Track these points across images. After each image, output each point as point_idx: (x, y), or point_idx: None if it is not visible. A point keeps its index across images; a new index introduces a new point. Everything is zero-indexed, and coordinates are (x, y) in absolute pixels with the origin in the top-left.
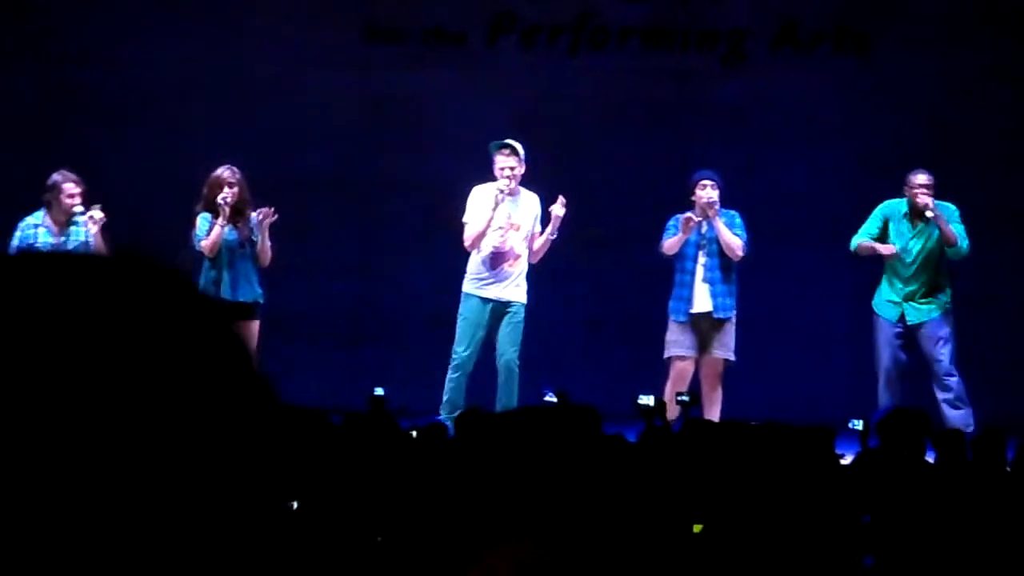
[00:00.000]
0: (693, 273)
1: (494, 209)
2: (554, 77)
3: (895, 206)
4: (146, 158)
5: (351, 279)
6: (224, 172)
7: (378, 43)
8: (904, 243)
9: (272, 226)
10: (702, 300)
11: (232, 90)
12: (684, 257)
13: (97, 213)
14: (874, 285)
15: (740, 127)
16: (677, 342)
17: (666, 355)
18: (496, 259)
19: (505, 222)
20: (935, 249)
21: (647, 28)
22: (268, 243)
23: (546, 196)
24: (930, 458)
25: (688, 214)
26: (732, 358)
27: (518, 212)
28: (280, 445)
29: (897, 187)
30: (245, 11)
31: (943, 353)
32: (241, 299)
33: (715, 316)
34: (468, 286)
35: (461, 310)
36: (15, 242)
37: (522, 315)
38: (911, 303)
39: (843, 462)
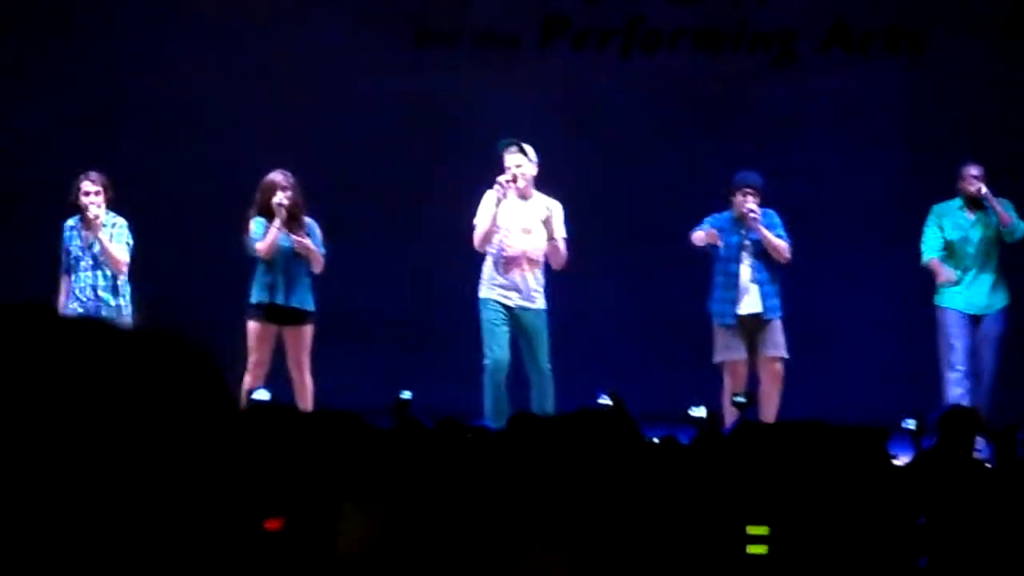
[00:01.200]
0: (738, 275)
1: (496, 205)
2: (605, 80)
3: (946, 205)
4: (194, 165)
5: (401, 284)
6: (278, 176)
7: (429, 46)
8: (965, 232)
9: (324, 230)
10: (750, 302)
11: (283, 96)
12: (727, 259)
13: (93, 211)
14: (928, 284)
15: (791, 128)
16: (728, 346)
17: (717, 359)
18: (507, 264)
19: (515, 225)
20: (995, 237)
21: (698, 30)
22: (321, 249)
23: (595, 198)
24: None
25: (711, 230)
26: (787, 356)
27: (531, 214)
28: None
29: (950, 187)
30: (295, 16)
31: (992, 354)
32: (295, 305)
33: (765, 317)
34: (484, 290)
35: (482, 315)
36: (63, 243)
37: (544, 320)
38: (977, 292)
39: (897, 463)
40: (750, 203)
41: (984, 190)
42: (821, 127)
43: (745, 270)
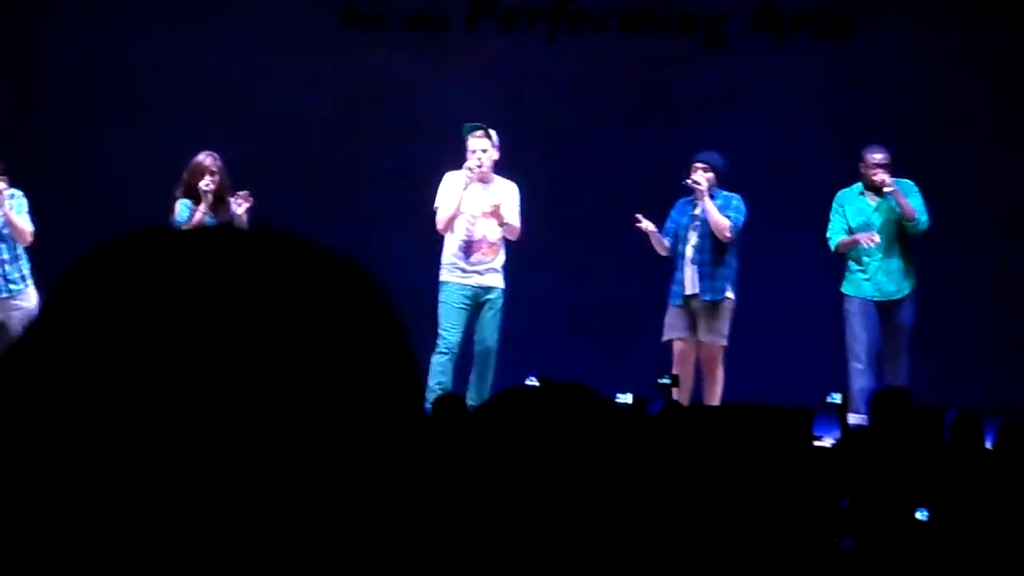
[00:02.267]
0: (684, 256)
1: (463, 190)
2: (533, 61)
3: (847, 192)
4: (124, 148)
5: None
6: (205, 159)
7: (357, 29)
8: (866, 218)
9: (250, 212)
10: (691, 282)
11: (211, 77)
12: (677, 240)
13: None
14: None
15: (719, 111)
16: (672, 325)
17: (663, 338)
18: (469, 248)
19: (476, 209)
20: (898, 222)
21: (626, 11)
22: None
23: (529, 180)
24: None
25: (655, 235)
26: (722, 343)
27: (491, 199)
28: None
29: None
30: None
31: (903, 337)
32: None
33: (703, 298)
34: (445, 274)
35: (441, 297)
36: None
37: (501, 302)
38: (882, 278)
39: (822, 443)
40: (700, 174)
41: (889, 184)
42: (749, 110)
43: (689, 250)
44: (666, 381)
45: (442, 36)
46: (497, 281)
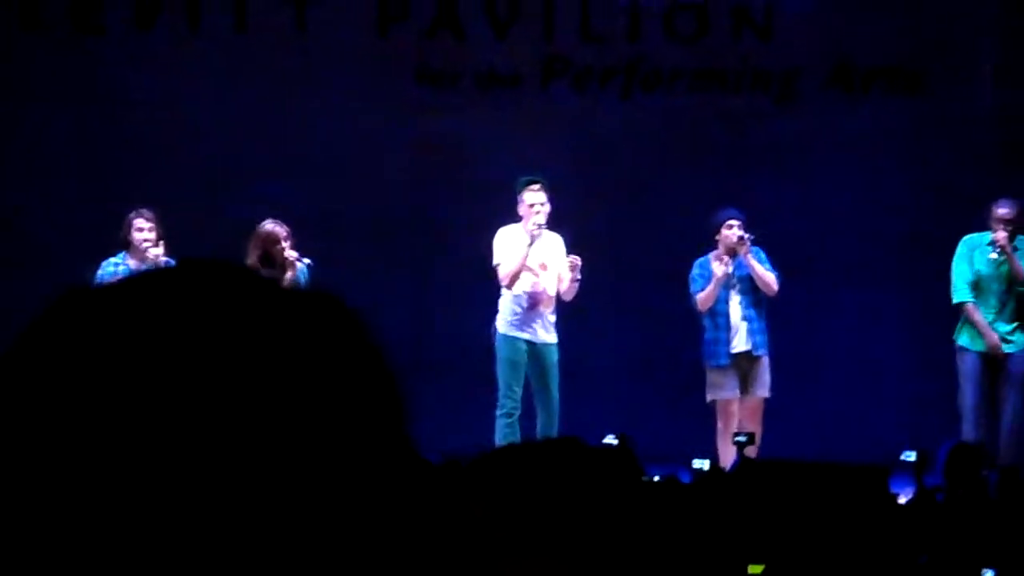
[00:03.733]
0: (727, 315)
1: (529, 246)
2: (607, 119)
3: (975, 238)
4: (199, 200)
5: (401, 322)
6: (277, 228)
7: (431, 86)
8: (993, 270)
9: (326, 270)
10: (740, 340)
11: (286, 133)
12: (715, 299)
13: (156, 250)
14: (936, 321)
15: (792, 166)
16: (721, 384)
17: (710, 398)
18: (532, 300)
19: (536, 263)
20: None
21: (699, 69)
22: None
23: (596, 236)
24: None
25: (715, 256)
26: (769, 395)
27: (547, 252)
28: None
29: (949, 225)
30: (299, 53)
31: (1015, 395)
32: None
33: (754, 354)
34: (504, 328)
35: (501, 353)
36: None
37: (556, 356)
38: (1001, 333)
39: (900, 501)
40: (736, 229)
41: (1001, 244)
42: (822, 165)
43: (735, 308)
44: (742, 439)
45: (515, 94)
46: (552, 337)
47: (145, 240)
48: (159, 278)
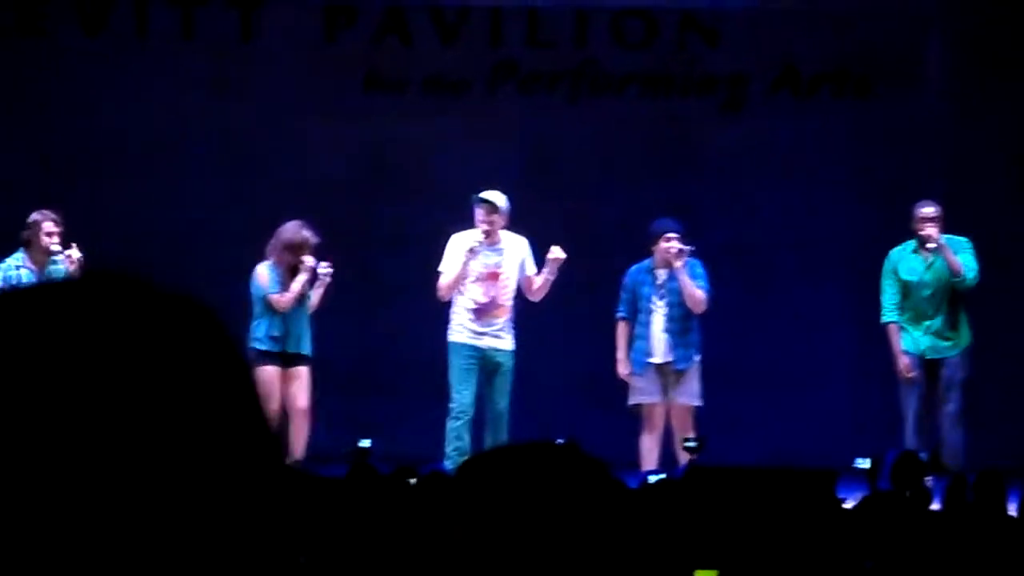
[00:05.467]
0: (648, 325)
1: (466, 262)
2: (554, 124)
3: (898, 252)
4: (142, 210)
5: (351, 328)
6: (308, 234)
7: (378, 92)
8: (919, 277)
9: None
10: (662, 351)
11: (232, 140)
12: (641, 309)
13: (75, 252)
14: (878, 324)
15: (739, 171)
16: (642, 389)
17: (631, 402)
18: (479, 311)
19: (483, 272)
20: (950, 279)
21: (647, 74)
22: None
23: (550, 241)
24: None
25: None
26: (698, 403)
27: (501, 261)
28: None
29: (897, 230)
30: (245, 61)
31: (955, 398)
32: (303, 351)
33: (676, 367)
34: (454, 335)
35: (451, 360)
36: None
37: (511, 364)
38: (933, 338)
39: (846, 506)
40: (675, 242)
41: (935, 240)
42: (769, 170)
43: (658, 319)
44: (692, 444)
45: (463, 99)
46: (507, 343)
47: (53, 244)
48: (47, 290)
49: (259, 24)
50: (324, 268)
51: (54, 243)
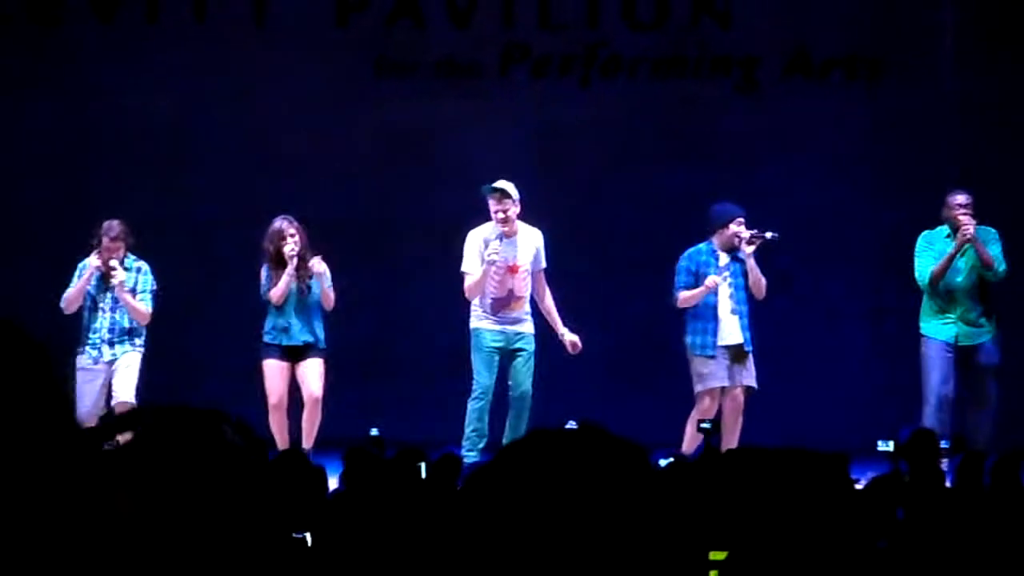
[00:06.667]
0: (715, 306)
1: (491, 261)
2: (566, 106)
3: (934, 233)
4: (157, 195)
5: (367, 314)
6: (284, 224)
7: (390, 76)
8: (952, 263)
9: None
10: (731, 333)
11: (244, 126)
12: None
13: (120, 274)
14: (898, 309)
15: (752, 154)
16: (713, 374)
17: (700, 388)
18: (497, 304)
19: (502, 265)
20: (980, 270)
21: (659, 57)
22: (330, 286)
23: (562, 225)
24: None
25: (713, 277)
26: (756, 386)
27: (517, 253)
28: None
29: (911, 211)
30: (256, 46)
31: (991, 384)
32: (312, 341)
33: (745, 348)
34: (475, 321)
35: (473, 345)
36: (75, 279)
37: (533, 346)
38: (966, 324)
39: (858, 486)
40: (746, 230)
41: (967, 231)
42: (782, 152)
43: (724, 301)
44: (707, 426)
45: (475, 83)
46: (528, 327)
47: (111, 256)
48: None
49: (271, 8)
50: (318, 264)
51: (111, 259)
